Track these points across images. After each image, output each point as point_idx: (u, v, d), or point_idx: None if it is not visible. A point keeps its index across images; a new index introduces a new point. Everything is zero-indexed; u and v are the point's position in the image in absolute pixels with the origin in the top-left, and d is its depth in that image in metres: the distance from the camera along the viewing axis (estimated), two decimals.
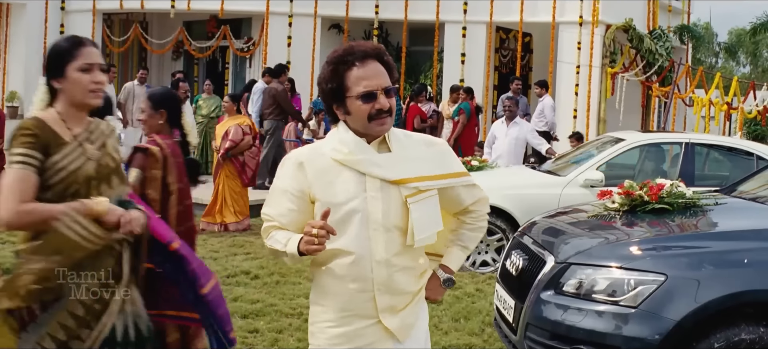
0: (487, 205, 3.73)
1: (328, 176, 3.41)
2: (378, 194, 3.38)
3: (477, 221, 3.69)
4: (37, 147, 3.58)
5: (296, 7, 19.97)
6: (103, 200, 3.63)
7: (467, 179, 3.62)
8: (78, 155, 3.69)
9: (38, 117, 3.68)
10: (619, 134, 11.44)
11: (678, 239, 5.62)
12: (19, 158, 3.55)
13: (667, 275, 4.89)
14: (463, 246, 3.70)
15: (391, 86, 3.39)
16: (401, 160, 3.43)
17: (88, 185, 3.69)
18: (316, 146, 3.60)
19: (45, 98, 3.78)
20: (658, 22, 21.91)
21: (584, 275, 5.15)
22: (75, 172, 3.65)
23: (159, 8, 21.06)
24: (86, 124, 3.81)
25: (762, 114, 20.38)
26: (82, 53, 3.69)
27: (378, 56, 3.42)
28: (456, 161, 3.63)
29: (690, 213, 5.94)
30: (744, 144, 11.31)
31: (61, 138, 3.67)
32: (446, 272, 3.67)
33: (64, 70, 3.68)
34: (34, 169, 3.58)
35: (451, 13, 19.94)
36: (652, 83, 20.07)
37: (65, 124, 3.72)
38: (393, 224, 3.38)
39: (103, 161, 3.76)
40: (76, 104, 3.73)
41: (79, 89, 3.70)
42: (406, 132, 3.60)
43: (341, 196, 3.38)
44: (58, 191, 3.63)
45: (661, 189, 5.95)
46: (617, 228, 5.98)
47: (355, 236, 3.38)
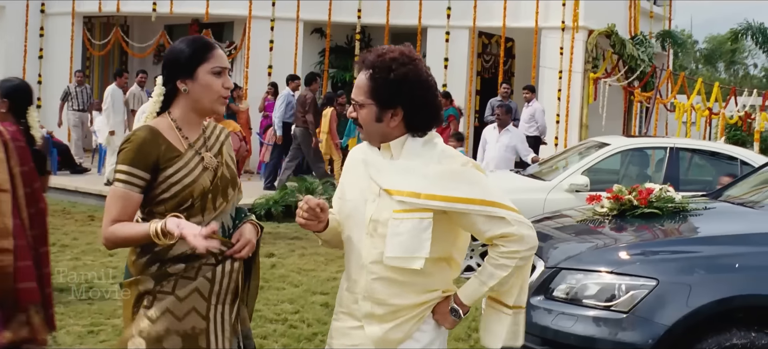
0: (520, 243, 3.28)
1: (351, 171, 3.52)
2: (375, 199, 3.35)
3: (500, 258, 3.30)
4: (142, 164, 3.32)
5: (278, 11, 19.91)
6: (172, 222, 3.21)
7: (490, 210, 3.26)
8: (194, 167, 3.41)
9: (150, 127, 3.40)
10: (603, 139, 11.44)
11: (669, 244, 5.59)
12: (122, 177, 3.32)
13: (658, 280, 4.87)
14: (481, 280, 3.35)
15: (357, 100, 3.35)
16: (399, 170, 3.34)
17: (204, 199, 3.42)
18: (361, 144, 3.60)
19: (159, 102, 3.49)
20: (640, 27, 21.97)
21: (574, 280, 5.12)
22: (190, 185, 3.38)
23: (140, 11, 20.93)
24: (201, 130, 3.55)
25: (743, 120, 20.46)
26: (215, 56, 3.43)
27: (368, 66, 3.36)
28: (477, 187, 3.29)
29: (679, 218, 5.92)
30: (728, 149, 11.34)
31: (176, 149, 3.40)
32: (456, 302, 3.40)
33: (195, 71, 3.40)
34: (137, 188, 3.34)
35: (433, 18, 19.92)
36: (634, 89, 20.12)
37: (181, 133, 3.45)
38: (379, 232, 3.32)
39: (219, 171, 3.49)
40: (198, 110, 3.47)
41: (209, 94, 3.43)
42: (433, 145, 3.41)
43: (350, 192, 3.47)
44: (171, 207, 3.36)
45: (650, 193, 5.94)
46: (607, 233, 5.97)
47: (350, 234, 3.43)
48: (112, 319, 7.44)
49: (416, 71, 3.32)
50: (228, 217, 3.54)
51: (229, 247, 3.43)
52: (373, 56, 3.36)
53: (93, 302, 7.86)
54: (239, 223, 3.55)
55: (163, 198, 3.37)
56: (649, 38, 21.79)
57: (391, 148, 3.38)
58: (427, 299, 3.38)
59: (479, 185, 3.30)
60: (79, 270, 9.23)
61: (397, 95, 3.30)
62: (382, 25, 20.36)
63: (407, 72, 3.30)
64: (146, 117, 3.51)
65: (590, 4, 19.15)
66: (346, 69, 21.38)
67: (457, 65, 19.85)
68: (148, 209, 3.43)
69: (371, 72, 3.33)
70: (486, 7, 19.66)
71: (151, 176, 3.36)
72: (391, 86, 3.29)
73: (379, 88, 3.31)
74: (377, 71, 3.32)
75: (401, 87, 3.29)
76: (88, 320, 7.44)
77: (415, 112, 3.33)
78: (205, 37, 3.54)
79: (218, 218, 3.47)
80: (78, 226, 12.59)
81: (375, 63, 3.33)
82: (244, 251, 3.45)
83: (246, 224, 3.53)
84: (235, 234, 3.48)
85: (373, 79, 3.32)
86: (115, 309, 7.62)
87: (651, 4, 23.36)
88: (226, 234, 3.51)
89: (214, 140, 3.57)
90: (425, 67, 3.38)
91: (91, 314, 7.57)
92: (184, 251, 3.35)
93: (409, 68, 3.31)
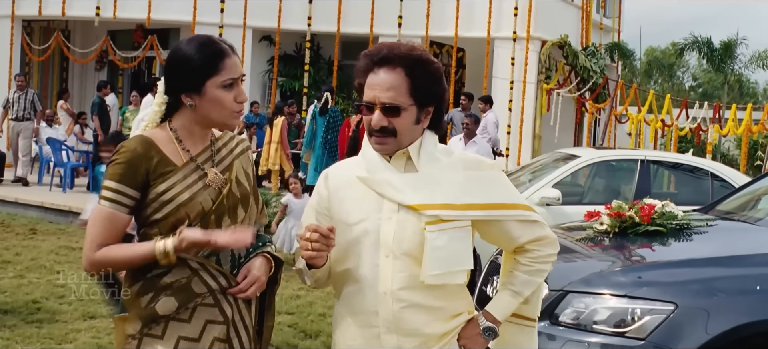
0: (554, 246, 3.10)
1: (345, 192, 3.02)
2: (393, 216, 2.93)
3: (535, 263, 3.06)
4: (131, 181, 2.86)
5: (226, 17, 19.40)
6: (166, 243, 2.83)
7: (524, 213, 3.04)
8: (191, 184, 2.93)
9: (143, 137, 2.94)
10: (573, 151, 11.15)
11: (684, 265, 5.19)
12: (108, 194, 2.86)
13: (676, 304, 4.52)
14: (514, 291, 3.07)
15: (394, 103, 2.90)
16: (426, 182, 2.95)
17: (205, 221, 2.93)
18: (351, 160, 3.17)
19: (161, 114, 3.02)
20: (591, 39, 21.90)
21: (582, 304, 4.75)
22: (185, 205, 2.90)
23: (82, 16, 20.24)
24: (210, 142, 3.07)
25: (696, 132, 20.48)
26: (227, 66, 2.92)
27: (402, 62, 2.93)
28: (507, 191, 3.06)
29: (685, 235, 5.59)
30: (699, 162, 11.10)
31: (170, 163, 2.93)
32: (488, 319, 3.05)
33: (203, 86, 2.91)
34: (125, 208, 2.88)
35: (384, 27, 19.55)
36: (586, 100, 20.01)
37: (181, 145, 2.98)
38: (405, 252, 2.91)
39: (226, 190, 2.99)
40: (206, 125, 3.01)
41: (219, 110, 2.94)
42: (448, 149, 3.11)
43: (354, 215, 2.96)
44: (165, 228, 2.89)
45: (652, 210, 5.59)
46: (613, 252, 5.61)
47: (363, 262, 2.95)
48: (64, 344, 6.84)
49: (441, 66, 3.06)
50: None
51: (234, 284, 2.97)
52: (402, 51, 2.94)
53: (42, 326, 7.27)
54: (253, 253, 3.06)
55: (155, 219, 2.90)
56: (599, 49, 21.74)
57: (410, 153, 2.98)
58: (454, 325, 3.02)
59: (509, 188, 3.08)
60: (23, 289, 8.55)
61: (434, 93, 2.98)
62: (333, 33, 19.99)
63: (439, 67, 3.02)
64: (144, 127, 3.04)
65: (542, 15, 18.98)
66: (296, 77, 20.95)
67: None
68: (142, 230, 2.96)
69: (408, 69, 2.92)
70: (438, 16, 19.38)
71: (141, 194, 2.89)
72: (432, 83, 2.96)
73: (420, 86, 2.93)
74: (417, 68, 2.93)
75: (440, 83, 2.99)
76: (37, 345, 6.82)
77: (440, 111, 3.05)
78: (216, 42, 2.98)
79: None
80: (20, 240, 11.79)
81: (409, 58, 2.93)
82: (250, 291, 2.97)
83: (256, 258, 3.04)
84: (241, 270, 3.01)
85: (413, 76, 2.92)
86: (66, 333, 7.07)
87: (601, 16, 23.35)
88: (236, 263, 3.03)
89: (225, 153, 3.09)
90: None
91: (40, 339, 6.93)
92: (178, 279, 2.89)
93: (438, 63, 3.04)
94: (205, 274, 2.92)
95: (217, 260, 2.96)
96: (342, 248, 2.95)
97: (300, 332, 7.46)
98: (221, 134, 3.12)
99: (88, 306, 7.78)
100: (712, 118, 20.19)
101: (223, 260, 2.97)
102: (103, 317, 7.52)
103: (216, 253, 2.94)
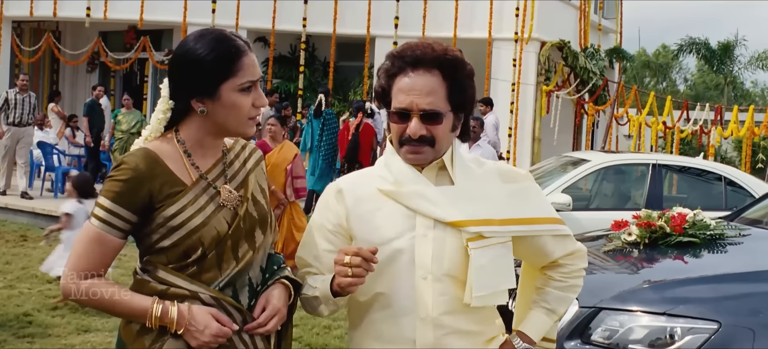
0: (585, 259, 2.91)
1: (367, 207, 2.70)
2: (430, 233, 2.62)
3: (568, 278, 2.86)
4: (128, 202, 2.49)
5: (219, 18, 18.99)
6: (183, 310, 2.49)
7: (558, 228, 2.82)
8: (203, 205, 2.56)
9: (147, 151, 2.57)
10: (581, 155, 10.85)
11: (726, 280, 4.82)
12: (100, 213, 2.50)
13: (720, 323, 4.19)
14: (548, 309, 2.85)
15: (433, 109, 2.60)
16: (464, 196, 2.65)
17: (221, 247, 2.55)
18: (365, 171, 2.85)
19: (165, 121, 2.65)
20: (589, 40, 21.63)
21: (617, 322, 4.41)
22: (198, 230, 2.52)
23: (73, 16, 19.85)
24: (221, 153, 2.70)
25: (698, 134, 20.23)
26: (244, 67, 2.55)
27: (439, 64, 2.62)
28: (543, 203, 2.84)
29: (719, 247, 5.27)
30: (711, 166, 10.79)
31: (179, 182, 2.56)
32: (524, 340, 2.80)
33: (218, 89, 2.54)
34: (119, 232, 2.50)
35: (382, 28, 19.23)
36: (586, 102, 19.74)
37: (189, 160, 2.60)
38: (446, 274, 2.61)
39: (243, 210, 2.62)
40: (219, 134, 2.64)
41: (235, 117, 2.57)
42: (479, 159, 2.83)
43: (384, 232, 2.64)
44: (174, 256, 2.53)
45: (684, 219, 5.26)
46: (646, 265, 5.28)
47: (397, 285, 2.63)
48: None
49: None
50: (256, 269, 2.68)
51: (250, 319, 2.61)
52: (437, 53, 2.63)
53: (33, 340, 6.92)
54: (270, 279, 2.70)
55: (162, 246, 2.54)
56: (597, 49, 21.48)
57: (445, 163, 2.69)
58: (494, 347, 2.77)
59: (543, 200, 2.87)
60: (14, 300, 8.16)
61: (467, 98, 2.71)
62: (329, 35, 19.65)
63: (472, 69, 2.73)
64: (147, 137, 2.66)
65: (542, 16, 18.71)
66: (291, 79, 20.62)
67: None
68: (146, 258, 2.59)
69: (445, 72, 2.62)
70: (436, 17, 19.05)
71: (139, 218, 2.53)
72: (466, 87, 2.68)
73: (457, 90, 2.65)
74: (454, 70, 2.63)
75: (472, 88, 2.73)
76: None
77: (469, 117, 2.79)
78: (231, 38, 2.59)
79: (243, 272, 2.62)
80: (10, 247, 11.39)
81: (446, 60, 2.62)
82: (269, 325, 2.62)
83: (274, 287, 2.68)
84: (259, 301, 2.65)
85: (450, 80, 2.63)
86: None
87: (600, 17, 23.09)
88: (254, 293, 2.67)
89: (238, 167, 2.72)
90: None
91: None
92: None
93: (470, 65, 2.73)
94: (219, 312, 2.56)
95: (234, 294, 2.60)
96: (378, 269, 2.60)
97: (305, 345, 7.12)
98: (232, 143, 2.75)
99: (83, 319, 7.44)
100: (714, 120, 19.91)
101: (241, 292, 2.62)
102: (98, 330, 7.19)
103: (232, 284, 2.59)
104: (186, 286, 2.52)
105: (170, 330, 2.49)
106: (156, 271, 2.55)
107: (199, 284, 2.53)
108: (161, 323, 2.48)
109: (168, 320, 2.48)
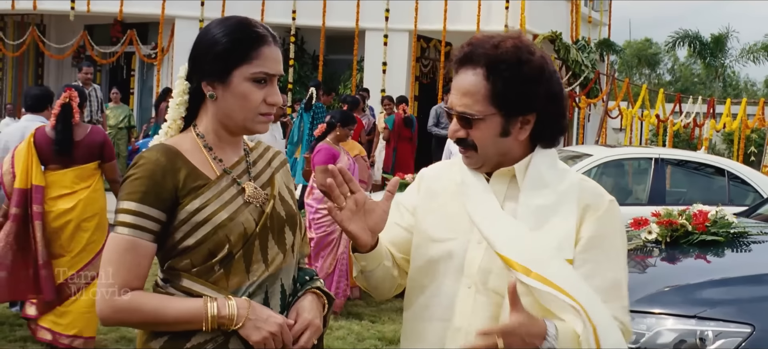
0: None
1: (436, 201, 2.55)
2: (480, 240, 2.40)
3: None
4: (154, 199, 2.30)
5: (207, 11, 18.75)
6: (241, 303, 2.32)
7: (618, 308, 2.41)
8: (228, 200, 2.38)
9: (166, 146, 2.41)
10: (583, 149, 10.65)
11: (759, 281, 4.60)
12: (127, 219, 2.30)
13: (754, 327, 3.98)
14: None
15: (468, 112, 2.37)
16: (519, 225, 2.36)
17: (249, 247, 2.37)
18: (449, 163, 2.64)
19: (183, 105, 2.48)
20: (580, 32, 21.46)
21: (644, 325, 4.19)
22: (224, 225, 2.34)
23: (57, 9, 19.54)
24: (243, 152, 2.54)
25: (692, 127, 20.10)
26: (262, 56, 2.38)
27: (484, 61, 2.37)
28: (616, 266, 2.42)
29: (744, 246, 5.06)
30: (714, 160, 10.61)
31: (202, 175, 2.39)
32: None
33: (230, 74, 2.38)
34: (150, 235, 2.31)
35: (371, 20, 18.96)
36: (577, 95, 19.57)
37: (211, 154, 2.44)
38: (494, 288, 2.38)
39: (269, 207, 2.44)
40: (228, 126, 2.45)
41: (243, 108, 2.39)
42: (564, 171, 2.48)
43: (440, 231, 2.48)
44: (199, 257, 2.33)
45: (706, 217, 5.06)
46: (670, 266, 5.06)
47: (440, 287, 2.45)
48: None
49: (548, 61, 2.43)
50: (288, 276, 2.48)
51: None
52: (486, 47, 2.38)
53: (26, 344, 6.67)
54: (301, 289, 2.51)
55: (186, 246, 2.33)
56: (587, 42, 21.31)
57: (516, 173, 2.43)
58: None
59: (620, 258, 2.44)
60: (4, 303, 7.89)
61: (532, 97, 2.39)
62: (318, 27, 19.39)
63: (542, 64, 2.40)
64: (166, 130, 2.47)
65: (532, 8, 18.49)
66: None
67: (396, 70, 18.91)
68: (168, 264, 2.38)
69: (489, 69, 2.36)
70: (425, 10, 18.81)
71: (167, 216, 2.32)
72: (525, 85, 2.37)
73: (507, 89, 2.36)
74: (503, 67, 2.36)
75: (538, 85, 2.38)
76: None
77: (549, 119, 2.44)
78: (254, 25, 2.42)
79: (274, 277, 2.42)
80: None
81: (493, 56, 2.37)
82: (303, 339, 2.41)
83: (305, 297, 2.49)
84: (290, 313, 2.45)
85: (496, 78, 2.36)
86: None
87: (590, 9, 22.92)
88: (285, 303, 2.46)
89: (263, 166, 2.55)
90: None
91: None
92: (213, 337, 2.33)
93: (541, 58, 2.40)
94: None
95: (265, 300, 2.40)
96: (420, 265, 2.50)
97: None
98: (254, 145, 2.58)
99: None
100: (707, 113, 19.77)
101: (272, 298, 2.41)
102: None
103: (263, 290, 2.38)
104: (213, 295, 2.32)
105: (229, 328, 2.28)
106: (180, 280, 2.34)
107: (226, 292, 2.33)
108: (219, 322, 2.28)
109: (227, 316, 2.28)
